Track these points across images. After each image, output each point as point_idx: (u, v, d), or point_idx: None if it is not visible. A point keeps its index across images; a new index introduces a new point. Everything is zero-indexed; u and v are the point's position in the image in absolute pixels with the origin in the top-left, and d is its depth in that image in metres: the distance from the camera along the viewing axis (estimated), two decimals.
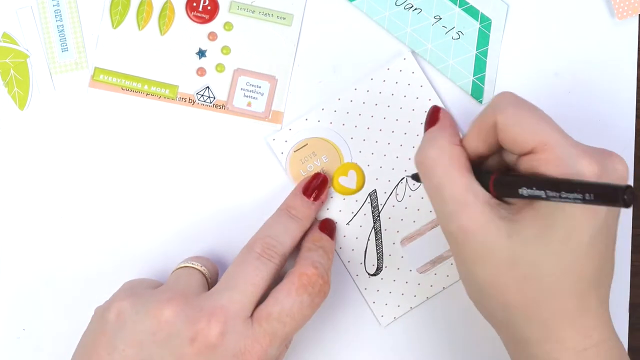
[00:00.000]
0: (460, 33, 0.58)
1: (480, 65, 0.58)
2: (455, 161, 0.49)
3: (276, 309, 0.51)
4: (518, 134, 0.47)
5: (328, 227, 0.57)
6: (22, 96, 0.58)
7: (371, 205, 0.58)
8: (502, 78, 0.58)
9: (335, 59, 0.58)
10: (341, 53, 0.58)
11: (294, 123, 0.58)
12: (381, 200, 0.58)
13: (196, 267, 0.55)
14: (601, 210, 0.46)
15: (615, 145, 0.58)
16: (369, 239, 0.58)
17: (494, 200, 0.48)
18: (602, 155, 0.47)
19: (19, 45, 0.58)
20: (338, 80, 0.58)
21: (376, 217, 0.58)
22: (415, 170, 0.51)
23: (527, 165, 0.47)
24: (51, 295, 0.59)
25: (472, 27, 0.58)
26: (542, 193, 0.45)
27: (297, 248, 0.55)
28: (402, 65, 0.58)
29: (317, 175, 0.57)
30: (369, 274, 0.58)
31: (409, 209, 0.58)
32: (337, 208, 0.58)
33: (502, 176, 0.48)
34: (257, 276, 0.51)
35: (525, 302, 0.47)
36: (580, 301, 0.47)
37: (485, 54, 0.58)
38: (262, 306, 0.51)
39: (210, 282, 0.54)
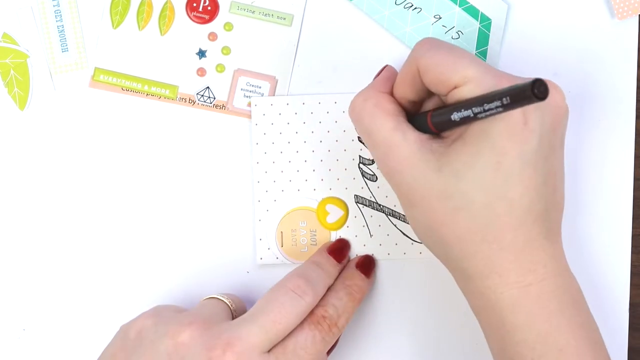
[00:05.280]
0: (460, 33, 0.58)
1: None
2: (380, 106, 0.50)
3: (292, 342, 0.51)
4: (440, 74, 0.48)
5: (364, 265, 0.57)
6: (22, 96, 0.58)
7: (365, 205, 0.58)
8: None
9: (335, 59, 0.58)
10: (341, 53, 0.58)
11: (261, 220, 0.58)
12: (366, 194, 0.58)
13: (222, 299, 0.54)
14: (531, 137, 0.47)
15: (615, 145, 0.58)
16: (394, 224, 0.58)
17: (427, 137, 0.49)
18: (520, 80, 0.48)
19: (19, 45, 0.58)
20: (338, 80, 0.58)
21: (379, 207, 0.58)
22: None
23: (454, 99, 0.48)
24: (51, 295, 0.59)
25: (472, 26, 0.58)
26: (469, 112, 0.46)
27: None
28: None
29: (340, 240, 0.58)
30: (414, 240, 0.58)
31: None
32: (352, 234, 0.58)
33: (438, 108, 0.50)
34: (279, 313, 0.51)
35: (460, 235, 0.48)
36: (520, 233, 0.47)
37: (485, 53, 0.58)
38: (282, 340, 0.51)
39: (236, 315, 0.54)
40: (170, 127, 0.59)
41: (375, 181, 0.58)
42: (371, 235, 0.58)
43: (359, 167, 0.58)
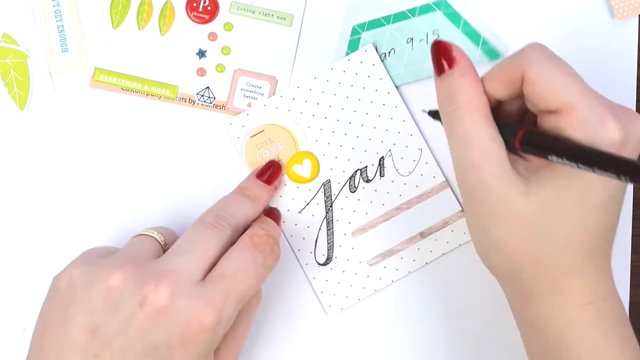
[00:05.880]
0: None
1: None
2: (482, 111, 0.47)
3: (230, 267, 0.50)
4: (546, 92, 0.46)
5: (272, 215, 0.57)
6: (22, 96, 0.58)
7: (324, 194, 0.58)
8: None
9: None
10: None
11: (252, 109, 0.58)
12: (335, 190, 0.58)
13: (152, 235, 0.54)
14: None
15: None
16: (320, 228, 0.58)
17: (513, 156, 0.47)
18: (627, 116, 0.46)
19: (19, 45, 0.58)
20: None
21: (329, 207, 0.58)
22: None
23: (551, 124, 0.46)
24: None
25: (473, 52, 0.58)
26: (573, 164, 0.44)
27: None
28: (362, 57, 0.58)
29: (271, 162, 0.58)
30: (318, 263, 0.58)
31: (362, 201, 0.58)
32: (290, 196, 0.58)
33: (531, 133, 0.47)
34: (207, 243, 0.51)
35: (536, 259, 0.47)
36: (590, 257, 0.47)
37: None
38: (214, 267, 0.50)
39: (167, 249, 0.54)
40: (170, 127, 0.59)
41: (353, 192, 0.58)
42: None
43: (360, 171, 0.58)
